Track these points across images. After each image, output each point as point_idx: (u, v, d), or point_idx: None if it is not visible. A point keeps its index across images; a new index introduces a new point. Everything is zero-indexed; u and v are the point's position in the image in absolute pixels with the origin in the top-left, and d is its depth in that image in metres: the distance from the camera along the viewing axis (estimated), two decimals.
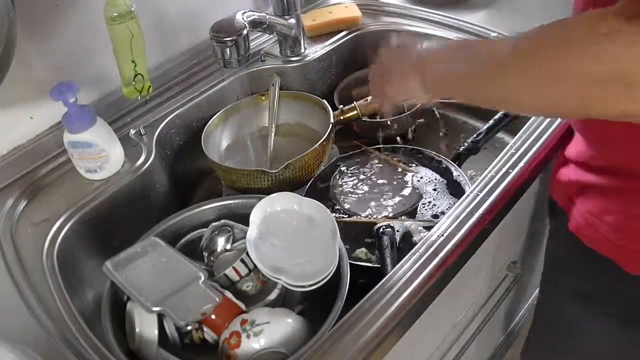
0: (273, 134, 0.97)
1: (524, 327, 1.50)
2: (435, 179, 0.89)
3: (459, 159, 0.93)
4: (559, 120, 0.84)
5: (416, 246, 0.70)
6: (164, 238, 0.77)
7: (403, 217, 0.83)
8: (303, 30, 1.07)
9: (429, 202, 0.85)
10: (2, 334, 0.61)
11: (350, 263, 0.71)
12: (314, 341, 0.61)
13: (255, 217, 0.75)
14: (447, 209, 0.82)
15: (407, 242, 0.79)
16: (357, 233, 0.83)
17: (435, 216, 0.83)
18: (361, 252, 0.80)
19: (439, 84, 0.64)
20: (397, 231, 0.80)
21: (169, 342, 0.69)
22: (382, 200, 0.88)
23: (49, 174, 0.85)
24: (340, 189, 0.91)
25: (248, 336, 0.65)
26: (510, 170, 0.78)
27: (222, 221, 0.81)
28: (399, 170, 0.92)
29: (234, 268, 0.72)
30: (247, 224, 0.75)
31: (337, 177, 0.93)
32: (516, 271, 1.03)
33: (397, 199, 0.87)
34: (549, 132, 0.82)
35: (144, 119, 0.93)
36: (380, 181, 0.91)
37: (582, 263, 0.77)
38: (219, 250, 0.79)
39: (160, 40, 1.01)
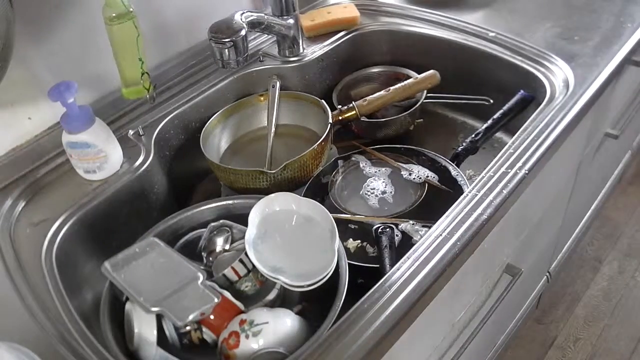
0: (272, 135, 0.97)
1: (523, 327, 1.51)
2: (434, 179, 0.89)
3: (458, 159, 0.93)
4: (557, 120, 0.84)
5: (415, 246, 0.70)
6: (162, 238, 0.77)
7: (402, 217, 0.83)
8: (301, 31, 1.07)
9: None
10: (0, 335, 0.60)
11: (349, 263, 0.72)
12: (312, 341, 0.61)
13: (254, 217, 0.75)
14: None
15: (405, 242, 0.80)
16: (348, 227, 0.84)
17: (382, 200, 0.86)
18: (351, 244, 0.81)
19: None
20: (397, 236, 0.81)
21: (168, 342, 0.69)
22: (380, 200, 0.88)
23: (47, 174, 0.85)
24: (338, 189, 0.91)
25: (247, 336, 0.65)
26: (509, 170, 0.78)
27: (221, 221, 0.81)
28: (398, 170, 0.92)
29: (233, 268, 0.72)
30: (245, 224, 0.75)
31: (336, 178, 0.93)
32: (514, 271, 1.03)
33: (395, 199, 0.87)
34: (547, 131, 0.83)
35: (142, 119, 0.93)
36: (378, 181, 0.92)
37: None
38: (217, 250, 0.79)
39: (159, 40, 1.01)
